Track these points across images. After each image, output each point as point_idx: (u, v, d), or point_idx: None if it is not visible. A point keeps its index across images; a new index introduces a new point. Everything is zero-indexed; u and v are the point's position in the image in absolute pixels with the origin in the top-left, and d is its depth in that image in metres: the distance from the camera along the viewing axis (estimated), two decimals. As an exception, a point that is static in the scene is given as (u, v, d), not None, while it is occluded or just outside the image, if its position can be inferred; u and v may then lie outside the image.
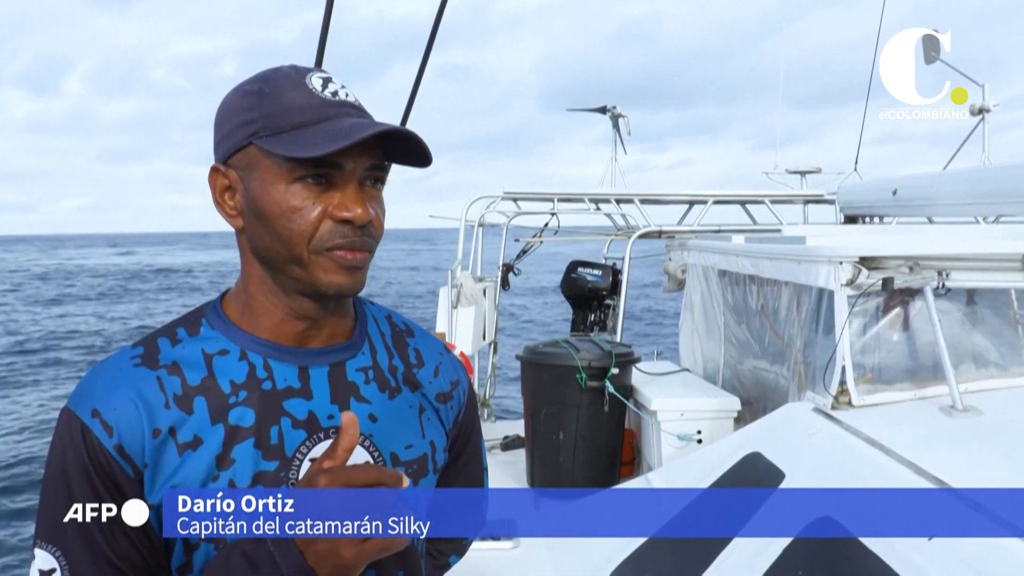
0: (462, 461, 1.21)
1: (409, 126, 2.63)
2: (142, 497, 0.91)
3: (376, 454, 1.01)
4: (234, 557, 0.87)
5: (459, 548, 1.31)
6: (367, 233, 0.95)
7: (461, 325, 5.88)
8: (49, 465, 0.93)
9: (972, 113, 5.87)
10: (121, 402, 0.91)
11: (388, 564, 1.01)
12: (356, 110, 0.96)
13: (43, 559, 0.90)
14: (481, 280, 6.47)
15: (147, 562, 0.92)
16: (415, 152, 0.97)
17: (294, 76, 0.96)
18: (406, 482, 0.87)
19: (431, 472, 1.08)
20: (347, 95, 0.96)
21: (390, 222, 1.04)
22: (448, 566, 1.30)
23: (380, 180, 0.98)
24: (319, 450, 0.96)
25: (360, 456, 0.99)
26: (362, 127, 0.91)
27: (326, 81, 0.96)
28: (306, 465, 0.95)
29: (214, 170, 0.98)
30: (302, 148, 0.89)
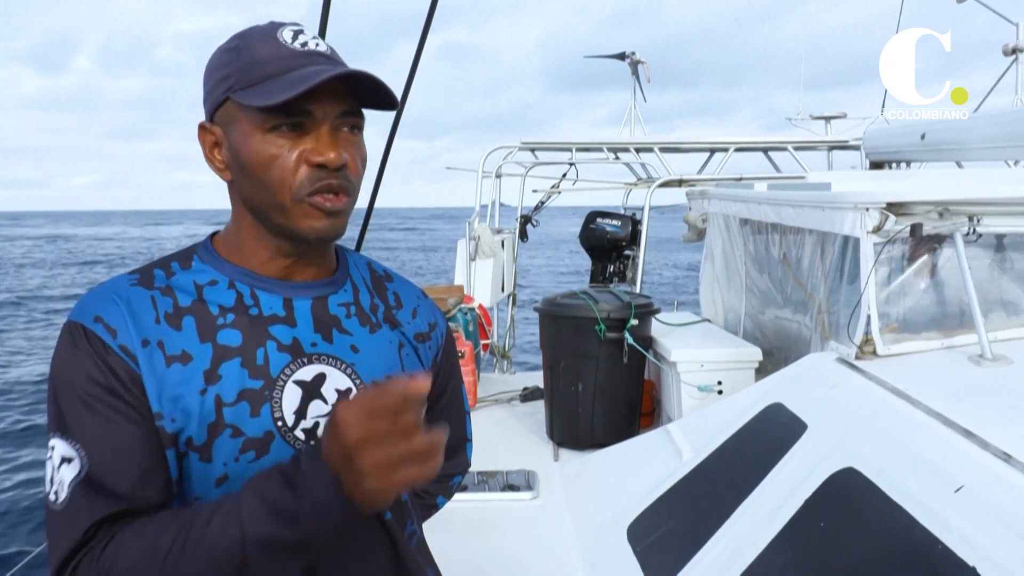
0: (442, 403, 1.27)
1: (410, 103, 2.62)
2: (143, 393, 0.95)
3: (359, 382, 1.06)
4: (273, 477, 0.89)
5: (446, 490, 1.36)
6: (343, 176, 1.00)
7: (479, 277, 5.86)
8: (57, 371, 0.97)
9: (1005, 53, 5.67)
10: (117, 310, 0.98)
11: None
12: (325, 59, 1.00)
13: (62, 448, 0.94)
14: (499, 232, 6.43)
15: (153, 451, 0.95)
16: (381, 95, 1.01)
17: (267, 30, 1.01)
18: (427, 384, 0.84)
19: None
20: (317, 45, 1.01)
21: (398, 202, 1.05)
22: (436, 507, 1.36)
23: (356, 127, 1.03)
24: (303, 373, 1.02)
25: (343, 382, 1.05)
26: (323, 72, 0.95)
27: (297, 33, 1.01)
28: (290, 386, 1.01)
29: (201, 127, 1.04)
30: (269, 96, 0.94)
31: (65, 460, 0.93)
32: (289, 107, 0.95)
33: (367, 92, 1.01)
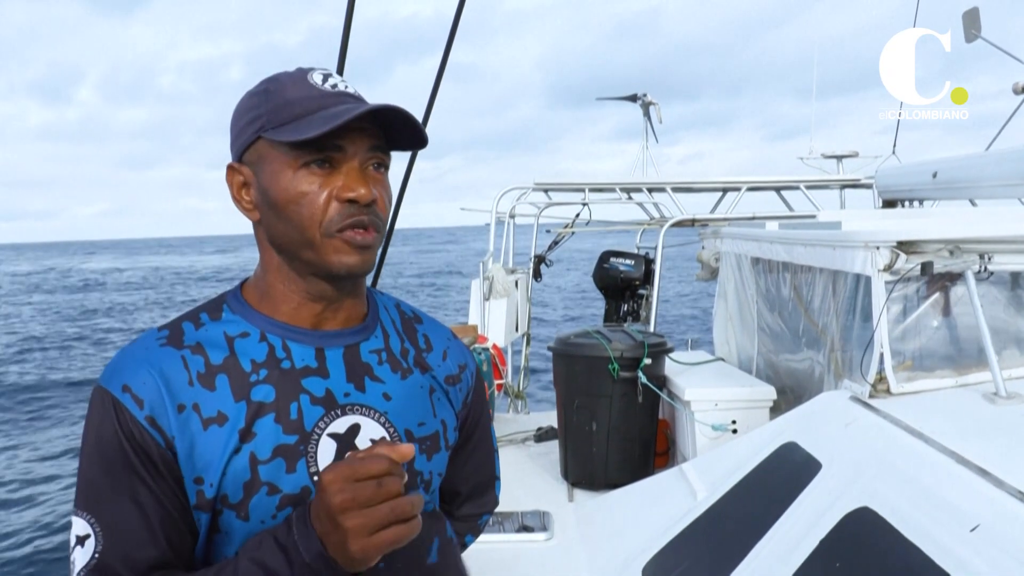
0: (473, 442, 1.27)
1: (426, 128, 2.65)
2: (174, 465, 0.95)
3: (392, 430, 1.06)
4: (266, 541, 0.92)
5: (474, 528, 1.36)
6: (372, 212, 1.01)
7: (493, 317, 5.88)
8: (85, 439, 0.97)
9: (1016, 92, 5.70)
10: (147, 378, 0.96)
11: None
12: (354, 99, 1.02)
13: (79, 526, 0.95)
14: (513, 272, 6.46)
15: (176, 529, 0.97)
16: (410, 133, 1.02)
17: (296, 75, 1.03)
18: (412, 451, 0.91)
19: (443, 448, 1.14)
20: (346, 87, 1.03)
21: (407, 222, 1.08)
22: (464, 545, 1.36)
23: (383, 164, 1.04)
24: (337, 425, 1.02)
25: (376, 432, 1.05)
26: (356, 108, 0.96)
27: (326, 76, 1.03)
28: (324, 440, 1.01)
29: (230, 168, 1.05)
30: (302, 132, 0.95)
31: (80, 540, 0.95)
32: (321, 143, 0.96)
33: (395, 133, 1.03)
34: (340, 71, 2.19)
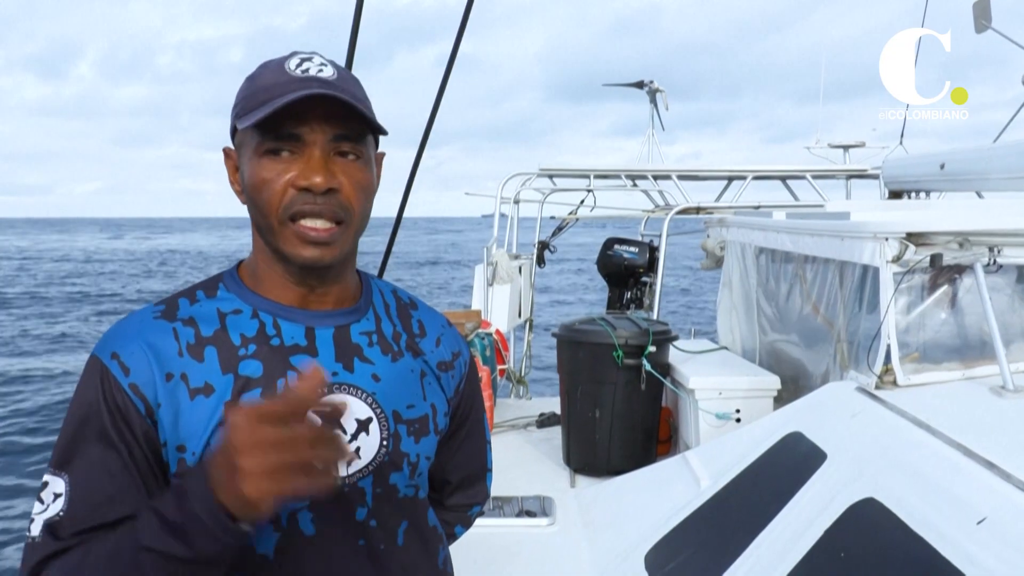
0: (465, 431, 1.27)
1: (413, 113, 2.61)
2: (152, 434, 0.96)
3: (379, 411, 1.06)
4: (168, 488, 0.90)
5: (464, 519, 1.36)
6: (332, 201, 0.99)
7: (496, 302, 5.87)
8: (72, 402, 0.99)
9: (1024, 83, 5.65)
10: (136, 348, 0.98)
11: (390, 514, 1.07)
12: (321, 83, 0.98)
13: (54, 484, 0.95)
14: (517, 258, 6.45)
15: (143, 497, 0.96)
16: (365, 119, 0.99)
17: (280, 60, 1.02)
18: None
19: (432, 432, 1.13)
20: (320, 71, 1.00)
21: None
22: (454, 536, 1.35)
23: (355, 153, 1.01)
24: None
25: (363, 412, 1.05)
26: (296, 94, 0.94)
27: (303, 60, 1.01)
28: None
29: (224, 152, 1.07)
30: (252, 119, 0.96)
31: (54, 496, 0.94)
32: (278, 131, 0.96)
33: (364, 118, 0.99)
34: (350, 58, 2.18)
